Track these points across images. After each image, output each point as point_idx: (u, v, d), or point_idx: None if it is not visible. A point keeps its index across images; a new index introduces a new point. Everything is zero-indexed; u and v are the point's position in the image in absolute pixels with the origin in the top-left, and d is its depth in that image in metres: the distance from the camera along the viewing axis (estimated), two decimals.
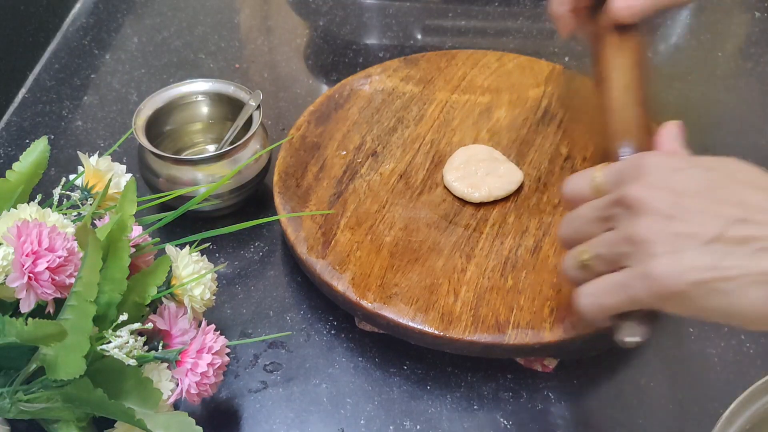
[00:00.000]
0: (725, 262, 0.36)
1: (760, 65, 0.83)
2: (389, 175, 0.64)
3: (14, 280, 0.43)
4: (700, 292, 0.36)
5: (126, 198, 0.50)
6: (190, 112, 0.67)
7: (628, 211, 0.40)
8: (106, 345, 0.44)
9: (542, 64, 0.75)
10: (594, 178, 0.44)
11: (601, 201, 0.42)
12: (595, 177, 0.44)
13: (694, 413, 0.53)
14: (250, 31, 0.88)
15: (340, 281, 0.56)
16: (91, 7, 0.89)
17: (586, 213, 0.43)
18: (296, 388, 0.54)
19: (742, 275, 0.36)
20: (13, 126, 0.75)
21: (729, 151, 0.74)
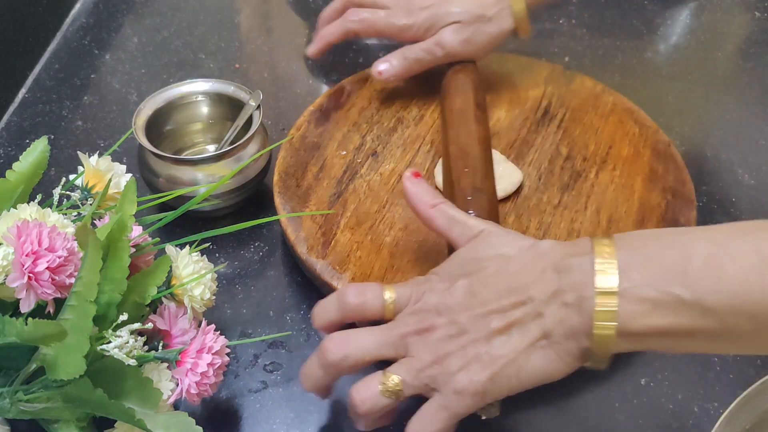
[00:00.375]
0: (504, 350, 0.42)
1: (760, 65, 0.83)
2: (389, 175, 0.64)
3: (14, 280, 0.43)
4: (499, 382, 0.42)
5: (126, 198, 0.50)
6: (190, 112, 0.67)
7: (422, 338, 0.44)
8: (106, 345, 0.44)
9: (542, 64, 0.75)
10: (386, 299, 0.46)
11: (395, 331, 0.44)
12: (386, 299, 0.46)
13: (694, 413, 0.53)
14: (250, 31, 0.88)
15: (340, 281, 0.56)
16: (91, 7, 0.89)
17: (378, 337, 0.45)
18: (296, 388, 0.54)
19: (517, 353, 0.42)
20: (13, 126, 0.75)
21: (729, 151, 0.74)
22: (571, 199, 0.62)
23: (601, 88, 0.72)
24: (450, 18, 0.65)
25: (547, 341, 0.41)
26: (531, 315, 0.42)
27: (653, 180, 0.64)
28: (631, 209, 0.61)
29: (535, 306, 0.42)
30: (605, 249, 0.40)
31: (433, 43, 0.66)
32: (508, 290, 0.42)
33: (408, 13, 0.66)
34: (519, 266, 0.43)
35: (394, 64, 0.67)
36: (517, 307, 0.42)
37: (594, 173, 0.64)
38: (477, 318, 0.43)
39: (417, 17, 0.66)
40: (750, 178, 0.71)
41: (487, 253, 0.45)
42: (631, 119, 0.69)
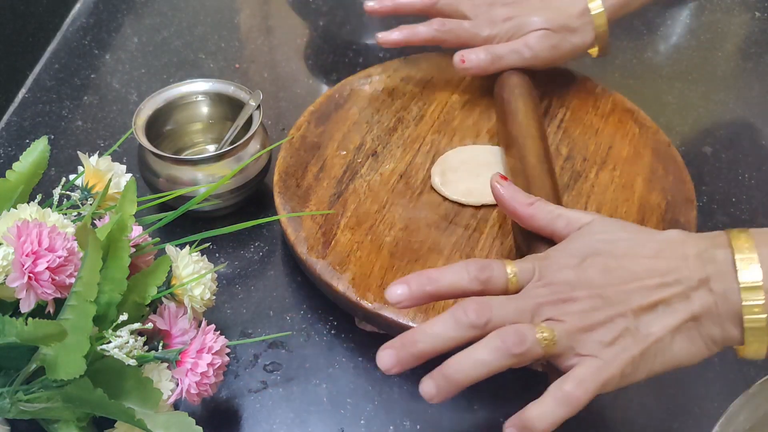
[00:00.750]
0: (654, 327, 0.42)
1: (760, 65, 0.83)
2: (389, 175, 0.64)
3: (14, 280, 0.43)
4: (649, 359, 0.42)
5: (126, 198, 0.50)
6: (190, 112, 0.67)
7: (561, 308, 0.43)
8: (106, 345, 0.44)
9: None
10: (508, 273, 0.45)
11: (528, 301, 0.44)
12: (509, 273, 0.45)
13: (694, 413, 0.53)
14: (250, 31, 0.88)
15: (340, 281, 0.56)
16: (91, 7, 0.89)
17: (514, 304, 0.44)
18: (296, 388, 0.54)
19: (665, 331, 0.42)
20: (13, 126, 0.75)
21: (729, 151, 0.74)
22: (571, 199, 0.62)
23: (601, 88, 0.72)
24: (534, 26, 0.66)
25: (695, 324, 0.42)
26: (678, 297, 0.42)
27: (653, 180, 0.63)
28: (631, 209, 0.61)
29: (683, 289, 0.42)
30: (744, 244, 0.42)
31: (522, 44, 0.67)
32: (648, 270, 0.43)
33: (491, 24, 0.67)
34: (654, 250, 0.44)
35: (480, 56, 0.67)
36: (661, 288, 0.42)
37: (594, 173, 0.64)
38: (620, 293, 0.43)
39: (500, 28, 0.67)
40: (750, 178, 0.71)
41: (608, 236, 0.45)
42: (631, 119, 0.69)
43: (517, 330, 0.42)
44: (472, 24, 0.68)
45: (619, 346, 0.42)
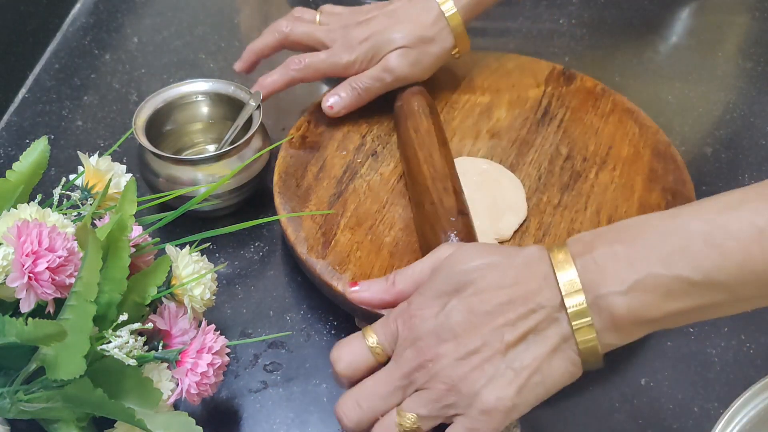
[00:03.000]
0: (526, 360, 0.41)
1: (760, 65, 0.83)
2: (389, 175, 0.64)
3: (14, 280, 0.43)
4: (527, 394, 0.41)
5: (126, 198, 0.50)
6: (190, 112, 0.67)
7: (428, 369, 0.42)
8: (106, 345, 0.44)
9: (542, 64, 0.75)
10: (371, 346, 0.45)
11: (396, 373, 0.43)
12: (371, 345, 0.45)
13: (694, 413, 0.53)
14: (250, 31, 0.88)
15: (340, 281, 0.56)
16: (91, 7, 0.89)
17: (382, 388, 0.44)
18: (296, 388, 0.54)
19: (540, 360, 0.41)
20: (13, 126, 0.75)
21: (729, 152, 0.74)
22: (571, 199, 0.62)
23: (601, 88, 0.72)
24: (393, 44, 0.65)
25: (567, 344, 0.41)
26: (546, 321, 0.41)
27: (653, 180, 0.64)
28: (631, 209, 0.61)
29: (549, 312, 0.41)
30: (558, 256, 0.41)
31: (380, 69, 0.65)
32: (511, 301, 0.42)
33: (349, 49, 0.65)
34: (514, 275, 0.42)
35: (342, 96, 0.66)
36: (527, 316, 0.41)
37: (594, 173, 0.64)
38: (486, 334, 0.41)
39: (359, 51, 0.65)
40: (750, 178, 0.71)
41: (469, 264, 0.44)
42: (631, 119, 0.69)
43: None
44: (330, 53, 0.66)
45: (492, 393, 0.41)
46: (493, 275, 0.43)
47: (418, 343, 0.43)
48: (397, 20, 0.65)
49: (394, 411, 0.43)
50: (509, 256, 0.44)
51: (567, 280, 0.41)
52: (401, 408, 0.43)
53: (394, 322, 0.45)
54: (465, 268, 0.44)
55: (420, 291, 0.45)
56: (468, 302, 0.42)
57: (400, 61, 0.65)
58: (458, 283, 0.43)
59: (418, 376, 0.43)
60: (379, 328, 0.45)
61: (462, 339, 0.42)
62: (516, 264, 0.43)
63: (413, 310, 0.44)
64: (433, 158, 0.60)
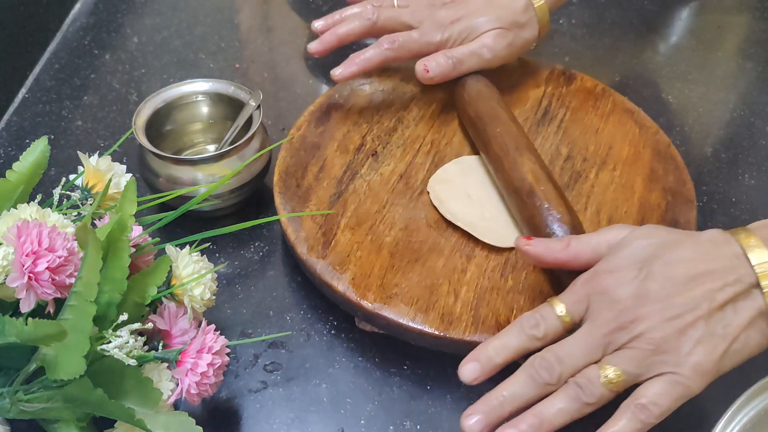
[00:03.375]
0: (729, 327, 0.44)
1: (760, 65, 0.83)
2: (389, 175, 0.64)
3: (14, 280, 0.43)
4: (728, 359, 0.44)
5: (126, 198, 0.50)
6: (190, 112, 0.67)
7: (630, 330, 0.44)
8: (106, 345, 0.44)
9: (542, 64, 0.75)
10: (559, 315, 0.46)
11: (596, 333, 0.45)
12: (560, 314, 0.46)
13: (694, 413, 0.53)
14: (250, 31, 0.88)
15: (340, 281, 0.56)
16: (91, 7, 0.89)
17: (583, 346, 0.45)
18: (296, 388, 0.54)
19: (740, 329, 0.44)
20: (13, 126, 0.75)
21: (730, 152, 0.74)
22: (571, 199, 0.62)
23: (601, 88, 0.72)
24: (489, 25, 0.66)
25: (762, 318, 0.44)
26: (743, 295, 0.44)
27: (653, 180, 0.63)
28: (631, 209, 0.61)
29: (745, 287, 0.44)
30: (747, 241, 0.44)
31: (479, 45, 0.66)
32: (708, 272, 0.44)
33: (440, 28, 0.67)
34: (703, 250, 0.45)
35: (441, 62, 0.66)
36: (724, 289, 0.44)
37: (594, 173, 0.64)
38: (687, 301, 0.43)
39: (452, 31, 0.67)
40: (750, 178, 0.71)
41: (654, 240, 0.46)
42: (631, 119, 0.69)
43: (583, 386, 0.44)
44: (421, 32, 0.67)
45: (702, 354, 0.43)
46: (683, 250, 0.45)
47: (617, 306, 0.44)
48: (488, 4, 0.67)
49: (594, 366, 0.44)
50: (690, 235, 0.46)
51: (760, 261, 0.44)
52: (603, 362, 0.44)
53: (582, 288, 0.46)
54: (651, 242, 0.46)
55: (606, 261, 0.47)
56: (663, 271, 0.44)
57: (499, 40, 0.66)
58: (648, 255, 0.45)
59: (619, 336, 0.44)
60: (567, 297, 0.46)
61: (663, 303, 0.44)
62: (702, 241, 0.46)
63: (605, 276, 0.46)
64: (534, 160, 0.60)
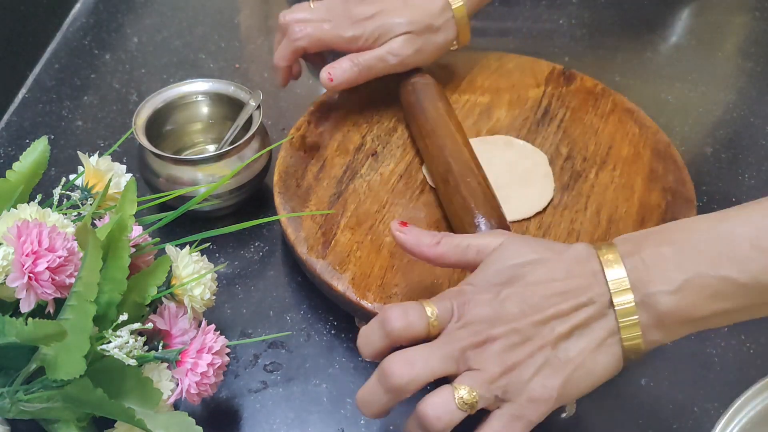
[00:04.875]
0: (572, 353, 0.42)
1: (760, 65, 0.83)
2: (389, 175, 0.64)
3: (14, 280, 0.43)
4: (572, 385, 0.43)
5: (126, 198, 0.50)
6: (190, 112, 0.67)
7: (482, 350, 0.43)
8: (106, 345, 0.44)
9: (542, 64, 0.75)
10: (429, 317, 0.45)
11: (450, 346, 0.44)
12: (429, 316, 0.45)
13: (694, 413, 0.53)
14: (250, 31, 0.88)
15: (340, 281, 0.56)
16: (91, 7, 0.89)
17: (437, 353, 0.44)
18: (296, 388, 0.54)
19: (587, 353, 0.42)
20: (13, 126, 0.75)
21: (729, 152, 0.74)
22: (571, 199, 0.62)
23: (601, 88, 0.72)
24: (400, 29, 0.65)
25: (613, 339, 0.42)
26: (595, 316, 0.42)
27: (653, 180, 0.63)
28: (631, 209, 0.61)
29: (599, 307, 0.42)
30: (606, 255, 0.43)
31: (386, 51, 0.65)
32: (563, 293, 0.43)
33: (353, 24, 0.65)
34: (565, 271, 0.44)
35: (344, 68, 0.65)
36: (578, 309, 0.43)
37: (594, 173, 0.64)
38: (537, 324, 0.43)
39: (364, 28, 0.65)
40: (750, 178, 0.71)
41: (519, 259, 0.45)
42: (631, 119, 0.69)
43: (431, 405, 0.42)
44: (333, 25, 0.66)
45: (540, 382, 0.42)
46: (544, 269, 0.44)
47: (472, 326, 0.44)
48: (404, 4, 0.65)
49: (447, 387, 0.43)
50: (557, 252, 0.45)
51: (616, 278, 0.42)
52: (456, 383, 0.43)
53: (449, 301, 0.45)
54: (516, 262, 0.45)
55: (471, 279, 0.46)
56: (521, 293, 0.44)
57: (406, 46, 0.65)
58: (510, 276, 0.44)
59: (471, 354, 0.43)
60: (438, 303, 0.45)
61: (515, 326, 0.43)
62: (565, 259, 0.44)
63: (468, 294, 0.45)
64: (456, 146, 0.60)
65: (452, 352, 0.43)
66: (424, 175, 0.64)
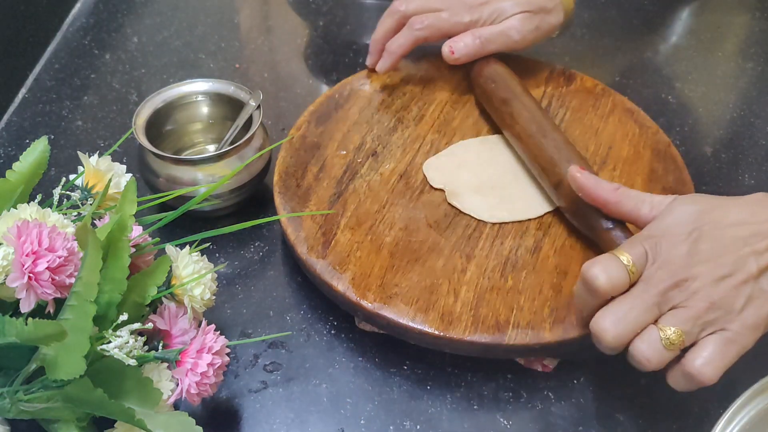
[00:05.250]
0: None
1: (760, 65, 0.83)
2: (389, 175, 0.64)
3: (14, 280, 0.43)
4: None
5: (126, 198, 0.50)
6: (190, 112, 0.67)
7: (684, 288, 0.46)
8: (106, 345, 0.44)
9: (542, 64, 0.75)
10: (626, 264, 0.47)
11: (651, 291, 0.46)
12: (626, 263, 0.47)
13: (694, 413, 0.53)
14: (250, 31, 0.88)
15: (340, 281, 0.56)
16: (91, 7, 0.89)
17: (640, 305, 0.46)
18: (296, 388, 0.54)
19: None
20: (13, 126, 0.75)
21: (729, 152, 0.74)
22: None
23: (601, 88, 0.72)
24: (516, 9, 0.68)
25: None
26: None
27: (653, 180, 0.63)
28: None
29: None
30: None
31: (507, 26, 0.68)
32: (755, 234, 0.46)
33: (470, 10, 0.68)
34: (749, 213, 0.47)
35: (468, 42, 0.68)
36: None
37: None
38: (737, 260, 0.45)
39: (481, 12, 0.68)
40: (750, 178, 0.71)
41: (700, 206, 0.48)
42: (631, 119, 0.69)
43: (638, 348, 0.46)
44: (450, 14, 0.68)
45: (754, 311, 0.45)
46: (729, 213, 0.47)
47: (670, 266, 0.46)
48: None
49: (653, 327, 0.46)
50: (734, 200, 0.48)
51: None
52: (660, 323, 0.46)
53: (641, 244, 0.47)
54: (698, 208, 0.48)
55: (656, 223, 0.49)
56: (712, 234, 0.46)
57: (526, 23, 0.68)
58: (695, 220, 0.47)
59: (673, 294, 0.46)
60: (630, 249, 0.47)
61: (715, 262, 0.46)
62: (747, 203, 0.48)
63: (657, 237, 0.47)
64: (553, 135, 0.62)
65: (654, 297, 0.46)
66: (424, 175, 0.64)
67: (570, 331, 0.53)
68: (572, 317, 0.53)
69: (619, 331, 0.46)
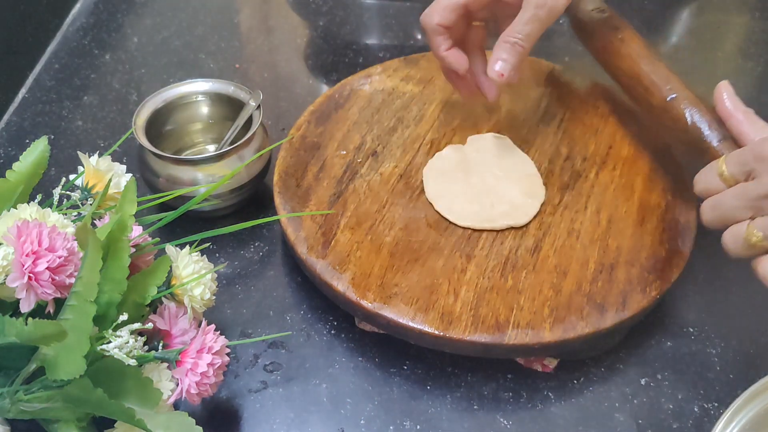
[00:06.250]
0: None
1: (760, 65, 0.83)
2: (389, 175, 0.64)
3: (14, 280, 0.43)
4: None
5: (126, 198, 0.50)
6: (190, 112, 0.67)
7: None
8: (106, 345, 0.44)
9: (542, 64, 0.75)
10: (721, 172, 0.51)
11: (748, 194, 0.49)
12: (722, 171, 0.51)
13: (694, 413, 0.53)
14: (250, 31, 0.88)
15: (340, 281, 0.56)
16: (91, 7, 0.89)
17: (732, 202, 0.50)
18: (296, 388, 0.54)
19: None
20: (13, 126, 0.75)
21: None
22: (571, 199, 0.62)
23: (601, 88, 0.72)
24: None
25: None
26: None
27: (653, 180, 0.64)
28: (631, 209, 0.61)
29: None
30: None
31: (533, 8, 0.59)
32: None
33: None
34: None
35: (506, 57, 0.60)
36: None
37: (594, 173, 0.64)
38: None
39: None
40: None
41: None
42: (631, 119, 0.69)
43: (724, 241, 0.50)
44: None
45: None
46: None
47: None
48: None
49: (744, 223, 0.49)
50: None
51: None
52: (753, 224, 0.48)
53: (750, 152, 0.50)
54: None
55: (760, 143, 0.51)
56: None
57: None
58: None
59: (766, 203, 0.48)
60: (733, 158, 0.51)
61: None
62: None
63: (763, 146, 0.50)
64: None
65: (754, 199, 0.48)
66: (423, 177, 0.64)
67: (570, 331, 0.53)
68: (572, 317, 0.54)
69: (713, 216, 0.51)
